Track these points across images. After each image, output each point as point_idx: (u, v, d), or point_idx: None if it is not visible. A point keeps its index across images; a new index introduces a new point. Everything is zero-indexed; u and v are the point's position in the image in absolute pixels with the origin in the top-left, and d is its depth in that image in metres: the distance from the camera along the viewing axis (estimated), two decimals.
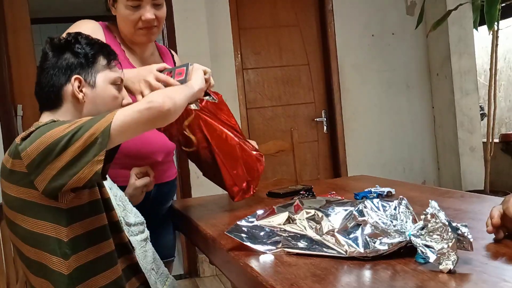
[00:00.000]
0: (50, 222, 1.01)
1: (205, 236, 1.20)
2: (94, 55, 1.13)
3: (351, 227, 0.92)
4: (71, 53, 1.11)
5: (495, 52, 3.16)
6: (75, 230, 1.03)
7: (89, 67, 1.11)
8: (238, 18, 3.50)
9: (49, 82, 1.10)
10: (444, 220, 0.82)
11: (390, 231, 0.90)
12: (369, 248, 0.88)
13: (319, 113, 3.72)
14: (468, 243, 0.81)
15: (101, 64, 1.13)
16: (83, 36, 1.14)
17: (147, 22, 1.41)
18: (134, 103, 1.04)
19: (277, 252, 0.97)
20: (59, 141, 0.96)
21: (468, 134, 3.60)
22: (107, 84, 1.14)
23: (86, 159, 0.95)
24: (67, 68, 1.10)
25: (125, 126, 0.98)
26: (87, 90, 1.11)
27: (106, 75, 1.14)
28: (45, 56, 1.13)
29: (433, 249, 0.81)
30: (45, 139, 0.97)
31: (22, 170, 0.99)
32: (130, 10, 1.40)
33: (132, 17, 1.41)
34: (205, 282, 3.17)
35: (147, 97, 1.05)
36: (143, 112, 0.99)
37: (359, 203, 0.97)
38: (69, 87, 1.10)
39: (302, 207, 1.02)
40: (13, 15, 3.02)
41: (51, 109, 1.12)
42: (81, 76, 1.10)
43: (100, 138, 0.95)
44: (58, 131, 0.97)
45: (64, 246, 1.02)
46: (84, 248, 1.04)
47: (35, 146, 0.97)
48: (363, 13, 3.70)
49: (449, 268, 0.78)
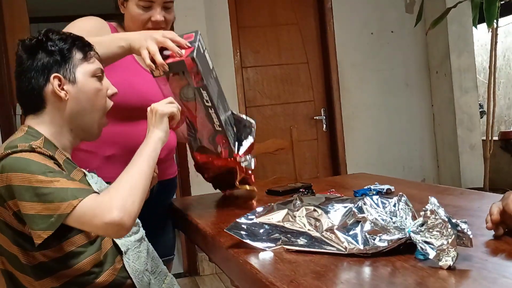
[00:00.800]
0: (14, 245, 1.02)
1: (205, 234, 1.20)
2: (68, 50, 1.08)
3: (351, 224, 0.92)
4: (44, 52, 1.07)
5: (494, 50, 3.16)
6: (41, 257, 1.02)
7: (66, 63, 1.07)
8: (237, 17, 3.50)
9: (29, 86, 1.07)
10: (444, 216, 0.82)
11: (389, 228, 0.90)
12: (369, 245, 0.88)
13: (318, 112, 3.71)
14: (468, 239, 0.81)
15: (77, 58, 1.09)
16: (53, 32, 1.10)
17: (156, 23, 1.42)
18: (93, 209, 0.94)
19: (277, 249, 0.97)
20: (25, 189, 0.95)
21: (467, 132, 3.60)
22: (88, 77, 1.10)
23: (34, 225, 0.95)
24: (43, 68, 1.06)
25: (80, 224, 0.96)
26: (68, 87, 1.07)
27: (85, 68, 1.09)
28: (19, 59, 1.09)
29: (433, 245, 0.81)
30: (17, 178, 0.96)
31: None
32: (140, 9, 1.41)
33: (142, 17, 1.42)
34: (205, 281, 3.17)
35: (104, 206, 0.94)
36: (99, 228, 0.95)
37: (359, 200, 0.97)
38: (49, 87, 1.06)
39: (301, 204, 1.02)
40: (12, 15, 3.02)
41: (35, 112, 1.09)
42: (59, 74, 1.07)
43: (53, 219, 0.94)
44: (31, 178, 0.95)
45: (28, 268, 1.03)
46: (51, 274, 1.04)
47: (5, 177, 0.97)
48: (362, 11, 3.70)
49: (449, 265, 0.78)
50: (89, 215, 0.94)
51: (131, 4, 1.42)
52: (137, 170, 1.04)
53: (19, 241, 1.02)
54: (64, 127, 1.11)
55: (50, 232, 0.95)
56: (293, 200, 1.06)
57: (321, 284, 0.78)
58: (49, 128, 1.09)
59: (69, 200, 0.94)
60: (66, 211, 0.94)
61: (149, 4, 1.41)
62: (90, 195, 0.97)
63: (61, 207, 0.94)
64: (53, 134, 1.09)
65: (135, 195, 0.99)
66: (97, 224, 0.94)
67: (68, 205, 0.94)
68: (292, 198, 1.08)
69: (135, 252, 1.20)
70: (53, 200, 0.94)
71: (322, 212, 0.97)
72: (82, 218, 0.94)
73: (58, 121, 1.10)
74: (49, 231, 0.94)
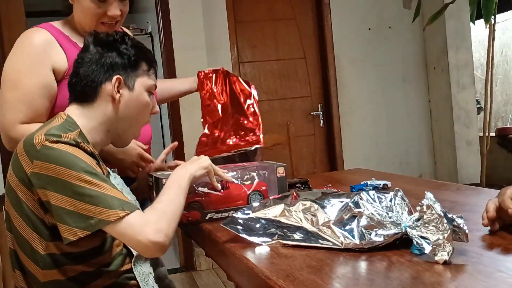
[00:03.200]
0: (34, 231, 1.03)
1: (201, 229, 1.20)
2: (137, 59, 1.13)
3: (347, 219, 0.92)
4: (116, 52, 1.11)
5: (492, 46, 3.16)
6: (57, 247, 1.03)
7: (131, 70, 1.13)
8: (234, 11, 3.49)
9: (89, 76, 1.10)
10: (440, 211, 0.82)
11: (385, 223, 0.90)
12: (365, 239, 0.88)
13: (315, 107, 3.71)
14: (464, 234, 0.81)
15: (142, 69, 1.15)
16: (129, 38, 1.15)
17: (112, 18, 1.34)
18: (138, 225, 0.96)
19: (273, 244, 0.97)
20: (66, 185, 0.96)
21: (464, 128, 3.61)
22: (143, 90, 1.15)
23: (69, 221, 0.95)
24: (110, 66, 1.10)
25: (121, 235, 0.97)
26: (124, 91, 1.12)
27: (145, 81, 1.15)
28: (86, 48, 1.13)
29: (429, 240, 0.81)
30: (60, 170, 0.96)
31: (25, 168, 1.00)
32: (95, 3, 1.31)
33: (97, 11, 1.32)
34: (202, 276, 3.18)
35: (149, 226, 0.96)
36: (141, 244, 0.96)
37: (355, 195, 0.97)
38: (108, 85, 1.10)
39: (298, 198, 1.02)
40: (8, 9, 3.00)
41: (83, 102, 1.12)
42: (122, 77, 1.11)
43: (93, 221, 0.95)
44: (76, 176, 0.96)
45: (39, 257, 1.03)
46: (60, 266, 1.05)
47: (47, 167, 0.97)
48: (360, 6, 3.69)
49: (445, 259, 0.78)
50: (135, 230, 0.95)
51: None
52: (174, 199, 1.06)
53: (36, 227, 1.02)
54: (103, 125, 1.13)
55: (88, 232, 0.95)
56: (290, 195, 1.06)
57: (317, 278, 0.78)
58: (88, 122, 1.11)
59: (116, 210, 0.95)
60: (110, 219, 0.95)
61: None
62: (136, 211, 0.98)
63: (105, 213, 0.95)
64: (89, 129, 1.11)
65: (175, 222, 1.02)
66: (141, 240, 0.95)
67: (114, 214, 0.95)
68: (288, 193, 1.08)
69: (143, 257, 1.21)
70: (98, 204, 0.95)
71: (318, 207, 0.97)
72: (126, 230, 0.95)
73: (101, 119, 1.12)
74: (86, 232, 0.95)
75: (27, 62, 1.29)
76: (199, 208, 1.19)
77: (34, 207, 1.01)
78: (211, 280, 3.08)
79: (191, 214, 1.19)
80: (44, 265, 1.03)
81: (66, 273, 1.05)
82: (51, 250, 1.03)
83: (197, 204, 1.19)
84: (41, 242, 1.02)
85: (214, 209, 1.20)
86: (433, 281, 0.73)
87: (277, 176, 1.26)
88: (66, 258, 1.04)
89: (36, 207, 1.01)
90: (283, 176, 1.27)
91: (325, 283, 0.77)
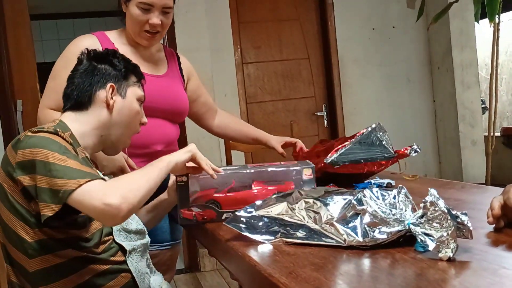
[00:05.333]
0: (20, 219, 1.06)
1: (204, 228, 1.20)
2: (127, 71, 1.24)
3: (350, 216, 0.92)
4: (109, 64, 1.22)
5: (496, 45, 3.14)
6: (45, 233, 1.06)
7: (123, 80, 1.23)
8: (238, 12, 3.49)
9: (84, 84, 1.19)
10: (444, 208, 0.81)
11: (389, 220, 0.89)
12: (368, 237, 0.88)
13: (319, 107, 3.71)
14: (468, 231, 0.81)
15: (132, 80, 1.25)
16: (119, 54, 1.27)
17: (153, 26, 1.49)
18: (97, 190, 0.98)
19: (276, 241, 0.96)
20: (43, 165, 1.00)
21: (469, 128, 3.59)
22: (134, 98, 1.24)
23: (44, 197, 0.99)
24: (103, 75, 1.20)
25: (79, 203, 0.98)
26: (117, 98, 1.21)
27: (135, 90, 1.25)
28: (80, 62, 1.23)
29: (433, 237, 0.80)
30: (38, 153, 1.02)
31: (11, 161, 1.05)
32: (140, 11, 1.47)
33: (140, 18, 1.48)
34: (206, 276, 3.17)
35: (108, 189, 0.99)
36: (97, 209, 0.97)
37: (358, 192, 0.96)
38: (101, 92, 1.19)
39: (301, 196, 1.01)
40: (12, 10, 3.01)
41: (77, 109, 1.19)
42: (115, 85, 1.20)
43: (61, 194, 0.98)
44: (47, 155, 1.01)
45: (27, 244, 1.05)
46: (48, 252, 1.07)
47: (26, 152, 1.03)
48: (364, 6, 3.68)
49: (449, 256, 0.78)
50: (91, 196, 0.97)
51: (131, 4, 1.48)
52: (146, 173, 1.09)
53: (23, 216, 1.05)
54: (96, 130, 1.19)
55: (59, 206, 0.98)
56: (293, 193, 1.05)
57: (320, 275, 0.78)
58: (81, 126, 1.17)
59: (77, 179, 0.98)
60: (72, 187, 0.97)
61: (149, 7, 1.47)
62: (99, 180, 1.01)
63: (68, 183, 0.98)
64: (82, 133, 1.16)
65: (138, 192, 1.03)
66: (96, 204, 0.96)
67: (75, 183, 0.98)
68: (291, 191, 1.08)
69: (139, 255, 1.22)
70: (63, 177, 0.99)
71: (321, 205, 0.96)
72: (84, 196, 0.97)
73: (94, 124, 1.18)
74: (58, 205, 0.98)
75: (68, 60, 1.42)
76: (216, 207, 1.19)
77: (19, 198, 1.05)
78: (215, 281, 3.08)
79: (206, 212, 1.18)
80: (32, 253, 1.06)
81: (55, 260, 1.07)
82: (38, 236, 1.05)
83: (215, 203, 1.19)
84: (28, 231, 1.05)
85: (232, 209, 1.16)
86: (437, 278, 0.73)
87: (304, 179, 1.23)
88: (53, 242, 1.06)
89: (20, 197, 1.04)
90: (311, 178, 1.23)
91: (328, 281, 0.76)
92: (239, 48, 3.51)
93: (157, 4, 1.47)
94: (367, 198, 0.93)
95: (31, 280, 1.07)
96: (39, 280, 1.07)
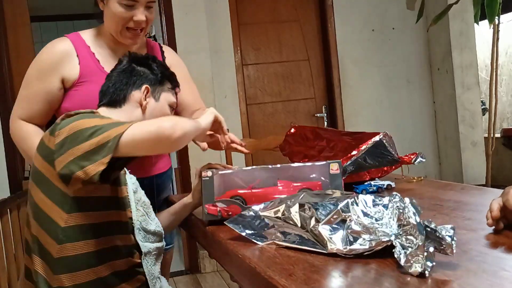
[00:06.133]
0: (54, 203, 1.07)
1: (204, 230, 1.20)
2: (163, 77, 1.30)
3: (336, 223, 0.89)
4: (147, 67, 1.28)
5: (496, 46, 3.15)
6: (74, 219, 1.08)
7: (158, 84, 1.28)
8: (237, 14, 3.50)
9: (121, 83, 1.24)
10: (414, 221, 0.77)
11: (374, 229, 0.85)
12: (349, 245, 0.85)
13: (319, 109, 3.71)
14: (448, 246, 0.75)
15: (167, 86, 1.31)
16: (158, 60, 1.33)
17: (138, 23, 1.40)
18: (148, 121, 1.06)
19: (270, 244, 0.96)
20: (85, 131, 1.04)
21: (469, 129, 3.59)
22: (166, 103, 1.30)
23: (96, 157, 1.01)
24: (140, 77, 1.26)
25: (132, 141, 1.01)
26: (150, 101, 1.26)
27: (168, 96, 1.31)
28: (120, 62, 1.29)
29: (406, 250, 0.76)
30: (76, 125, 1.06)
31: (50, 147, 1.08)
32: (123, 8, 1.38)
33: (124, 15, 1.38)
34: (206, 278, 3.17)
35: (159, 120, 1.06)
36: (152, 134, 1.01)
37: (349, 197, 0.94)
38: (136, 93, 1.24)
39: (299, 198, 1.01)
40: (13, 12, 3.02)
41: (111, 106, 1.24)
42: (150, 88, 1.26)
43: (110, 143, 1.00)
44: (89, 122, 1.06)
45: (59, 231, 1.07)
46: (78, 239, 1.08)
47: (67, 129, 1.06)
48: (363, 7, 3.69)
49: (419, 272, 0.73)
50: (141, 127, 1.02)
51: (112, 2, 1.38)
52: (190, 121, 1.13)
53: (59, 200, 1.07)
54: None
55: (110, 155, 0.99)
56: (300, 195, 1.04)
57: (319, 277, 0.78)
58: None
59: (123, 125, 1.03)
60: (120, 131, 1.00)
61: (132, 3, 1.37)
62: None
63: (117, 130, 1.01)
64: None
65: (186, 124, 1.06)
66: (150, 129, 1.00)
67: (122, 128, 1.02)
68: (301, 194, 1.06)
69: (153, 258, 1.22)
70: (107, 130, 1.02)
71: (312, 208, 0.95)
72: (134, 131, 1.00)
73: (126, 121, 1.19)
74: (109, 155, 1.00)
75: (41, 69, 1.43)
76: (241, 203, 1.19)
77: (57, 181, 1.07)
78: (216, 283, 3.08)
79: (231, 208, 1.18)
80: (62, 239, 1.07)
81: (83, 248, 1.08)
82: (72, 222, 1.07)
83: (240, 198, 1.19)
84: (62, 216, 1.07)
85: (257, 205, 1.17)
86: (438, 280, 0.73)
87: (330, 173, 1.22)
88: (86, 229, 1.08)
89: (59, 180, 1.06)
90: (337, 173, 1.21)
91: (328, 282, 0.76)
92: (239, 50, 3.51)
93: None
94: (354, 205, 0.89)
95: (55, 266, 1.08)
96: (62, 267, 1.08)
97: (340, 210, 0.89)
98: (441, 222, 0.92)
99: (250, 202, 1.17)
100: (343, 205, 0.90)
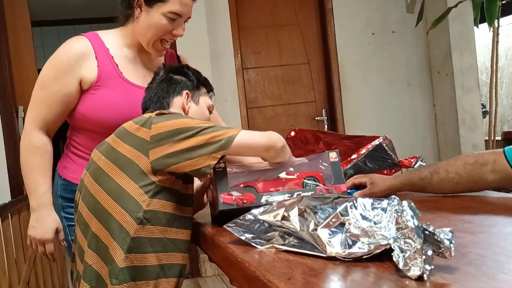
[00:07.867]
0: (140, 187, 1.15)
1: (204, 233, 1.20)
2: (199, 83, 1.38)
3: (334, 226, 0.89)
4: (184, 75, 1.36)
5: (496, 49, 3.15)
6: (157, 204, 1.16)
7: (196, 89, 1.37)
8: (237, 18, 3.51)
9: (162, 92, 1.33)
10: (412, 224, 0.77)
11: (373, 233, 0.86)
12: (348, 249, 0.85)
13: (320, 112, 3.71)
14: (447, 249, 0.75)
15: (203, 90, 1.39)
16: (192, 68, 1.41)
17: (174, 37, 1.42)
18: (254, 132, 1.19)
19: (269, 247, 0.96)
20: (189, 129, 1.13)
21: (470, 132, 3.59)
22: (205, 106, 1.38)
23: (203, 151, 1.11)
24: (179, 84, 1.34)
25: (244, 144, 1.15)
26: (191, 105, 1.35)
27: (206, 99, 1.39)
28: (157, 73, 1.36)
29: (405, 253, 0.76)
30: (178, 122, 1.15)
31: (144, 137, 1.15)
32: (167, 20, 1.37)
33: (165, 28, 1.38)
34: (207, 282, 3.17)
35: (266, 133, 1.21)
36: (265, 140, 1.17)
37: (348, 201, 0.94)
38: (178, 99, 1.32)
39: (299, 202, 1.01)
40: (14, 16, 3.03)
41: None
42: (189, 93, 1.34)
43: (224, 141, 1.12)
44: (191, 121, 1.15)
45: (142, 212, 1.15)
46: (157, 224, 1.17)
47: (167, 124, 1.15)
48: (363, 11, 3.69)
49: (417, 275, 0.73)
50: (253, 135, 1.17)
51: (155, 12, 1.36)
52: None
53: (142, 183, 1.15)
54: None
55: (223, 151, 1.11)
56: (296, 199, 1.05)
57: (318, 281, 0.78)
58: None
59: (233, 128, 1.15)
60: (235, 133, 1.13)
61: (177, 17, 1.37)
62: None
63: (229, 132, 1.13)
64: None
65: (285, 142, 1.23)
66: (262, 139, 1.17)
67: (235, 130, 1.14)
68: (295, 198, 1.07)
69: None
70: (219, 129, 1.14)
71: (310, 212, 0.95)
72: (249, 137, 1.15)
73: None
74: (222, 151, 1.11)
75: (59, 68, 1.39)
76: (254, 191, 1.20)
77: (146, 168, 1.14)
78: (216, 287, 3.08)
79: (246, 196, 1.18)
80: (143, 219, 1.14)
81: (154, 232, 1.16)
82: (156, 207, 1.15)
83: (251, 188, 1.20)
84: (145, 200, 1.14)
85: (269, 192, 1.19)
86: (436, 283, 0.73)
87: (330, 161, 1.26)
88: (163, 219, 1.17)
89: (148, 170, 1.14)
90: (336, 160, 1.25)
91: (327, 286, 0.76)
92: (239, 54, 3.52)
93: (185, 14, 1.39)
94: (353, 208, 0.89)
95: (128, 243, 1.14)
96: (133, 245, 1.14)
97: (339, 214, 0.89)
98: (440, 225, 0.91)
99: (261, 191, 1.20)
100: (342, 208, 0.90)
